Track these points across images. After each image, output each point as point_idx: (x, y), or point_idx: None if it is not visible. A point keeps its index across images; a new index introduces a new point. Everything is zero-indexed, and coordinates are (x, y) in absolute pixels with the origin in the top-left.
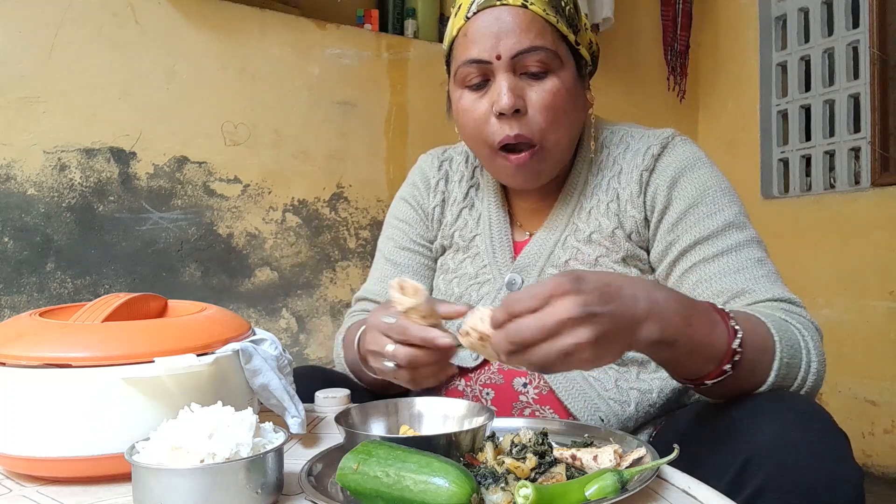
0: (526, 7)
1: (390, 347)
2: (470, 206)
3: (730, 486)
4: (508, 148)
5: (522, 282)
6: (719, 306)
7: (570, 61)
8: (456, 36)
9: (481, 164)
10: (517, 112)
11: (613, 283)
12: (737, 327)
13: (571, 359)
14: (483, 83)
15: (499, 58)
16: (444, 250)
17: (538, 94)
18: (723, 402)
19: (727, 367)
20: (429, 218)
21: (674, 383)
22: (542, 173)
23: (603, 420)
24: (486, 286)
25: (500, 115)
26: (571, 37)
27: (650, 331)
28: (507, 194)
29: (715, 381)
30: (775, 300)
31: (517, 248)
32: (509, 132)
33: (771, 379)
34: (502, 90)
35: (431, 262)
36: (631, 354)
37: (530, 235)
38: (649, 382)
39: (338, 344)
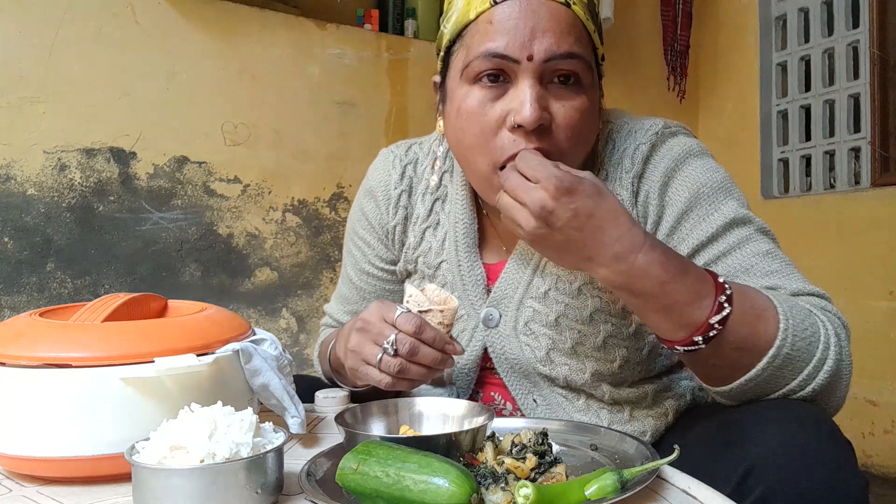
0: (569, 6)
1: (392, 336)
2: (434, 224)
3: (732, 495)
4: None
5: (500, 316)
6: (724, 281)
7: (597, 77)
8: (473, 20)
9: (468, 178)
10: (538, 127)
11: (596, 219)
12: (725, 304)
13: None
14: (499, 83)
15: (530, 58)
16: (408, 274)
17: (566, 109)
18: (725, 408)
19: (698, 338)
20: (389, 238)
21: (668, 421)
22: None
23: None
24: (459, 322)
25: (517, 127)
26: (601, 49)
27: (605, 276)
28: (476, 204)
29: (685, 348)
30: (805, 294)
31: (490, 272)
32: (525, 147)
33: (763, 363)
34: (526, 99)
35: (395, 285)
36: (625, 394)
37: (505, 255)
38: (643, 422)
39: (316, 360)
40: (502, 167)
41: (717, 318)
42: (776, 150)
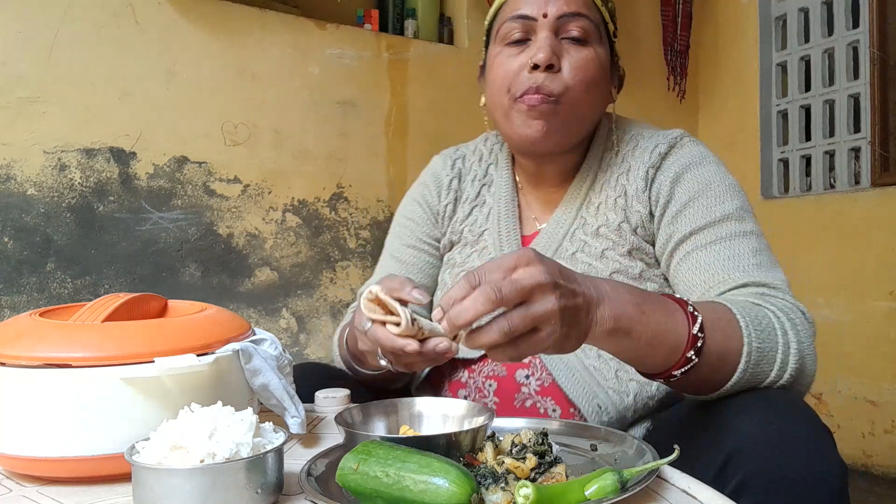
0: None
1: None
2: (482, 203)
3: (714, 482)
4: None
5: None
6: (681, 297)
7: (606, 43)
8: (506, 1)
9: (494, 118)
10: (550, 68)
11: (567, 268)
12: (696, 313)
13: (539, 335)
14: (523, 42)
15: (545, 16)
16: (451, 246)
17: (574, 58)
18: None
19: (690, 353)
20: (438, 216)
21: (651, 391)
22: (555, 127)
23: (601, 407)
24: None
25: (534, 67)
26: (611, 26)
27: (605, 316)
28: (517, 186)
29: (682, 370)
30: (751, 285)
31: (525, 241)
32: (535, 83)
33: (742, 365)
34: (542, 44)
35: (437, 260)
36: None
37: (538, 226)
38: (628, 385)
39: (335, 341)
40: (519, 97)
41: (696, 327)
42: (776, 150)
